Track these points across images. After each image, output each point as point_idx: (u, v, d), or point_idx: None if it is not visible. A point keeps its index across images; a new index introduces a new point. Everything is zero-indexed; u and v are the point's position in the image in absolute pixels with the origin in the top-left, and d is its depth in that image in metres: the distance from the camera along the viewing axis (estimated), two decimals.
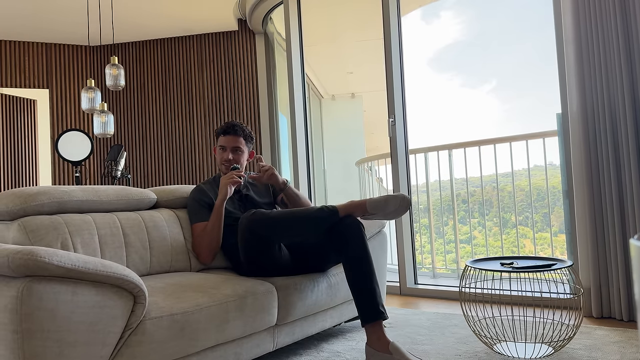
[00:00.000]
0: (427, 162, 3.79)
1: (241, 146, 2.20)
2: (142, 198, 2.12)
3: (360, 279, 1.79)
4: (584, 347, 1.93)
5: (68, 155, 4.37)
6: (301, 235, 1.94)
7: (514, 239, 3.62)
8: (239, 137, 2.20)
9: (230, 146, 2.19)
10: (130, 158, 5.06)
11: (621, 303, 2.28)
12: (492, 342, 1.92)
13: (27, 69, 4.98)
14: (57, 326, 1.21)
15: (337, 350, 2.01)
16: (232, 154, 2.19)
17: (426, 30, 7.87)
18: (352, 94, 7.71)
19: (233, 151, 2.20)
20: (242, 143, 2.21)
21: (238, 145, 2.20)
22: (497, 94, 9.27)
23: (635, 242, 0.48)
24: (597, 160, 2.36)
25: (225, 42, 4.89)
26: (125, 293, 1.35)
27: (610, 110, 2.32)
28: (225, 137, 2.20)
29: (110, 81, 3.53)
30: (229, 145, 2.19)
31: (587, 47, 2.38)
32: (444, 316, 2.50)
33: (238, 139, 2.20)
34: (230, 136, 2.19)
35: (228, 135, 2.19)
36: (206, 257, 2.08)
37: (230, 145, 2.19)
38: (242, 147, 2.21)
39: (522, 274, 1.92)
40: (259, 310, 1.74)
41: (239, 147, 2.20)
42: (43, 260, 1.17)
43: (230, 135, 2.19)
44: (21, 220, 1.72)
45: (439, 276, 3.73)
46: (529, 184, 3.45)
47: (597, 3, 2.34)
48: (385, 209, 1.86)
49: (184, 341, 1.49)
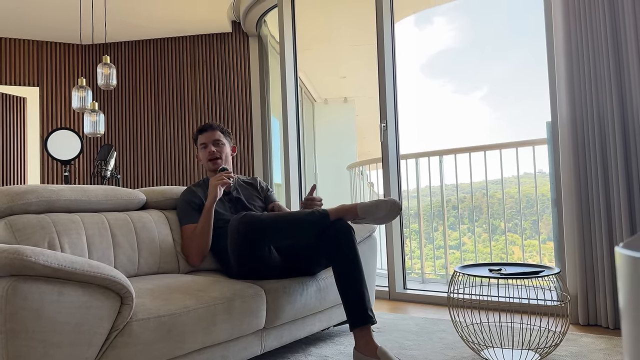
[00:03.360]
0: (418, 168, 3.80)
1: (220, 139, 2.27)
2: (132, 198, 2.11)
3: (349, 283, 1.79)
4: (570, 354, 1.94)
5: (57, 154, 4.33)
6: (292, 238, 1.93)
7: (503, 245, 3.65)
8: (216, 130, 2.27)
9: (210, 141, 2.25)
10: (120, 158, 5.03)
11: (607, 311, 2.30)
12: (479, 348, 1.93)
13: (17, 66, 4.93)
14: (42, 326, 1.20)
15: (325, 355, 2.01)
16: (214, 147, 2.24)
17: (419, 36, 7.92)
18: (344, 98, 7.73)
19: (215, 144, 2.25)
20: (220, 136, 2.27)
21: (217, 138, 2.26)
22: (488, 101, 9.33)
23: (620, 250, 0.49)
24: (586, 169, 2.39)
25: (218, 44, 4.88)
26: (112, 294, 1.34)
27: (600, 119, 2.35)
28: (203, 134, 2.26)
29: (102, 80, 3.51)
30: (209, 140, 2.25)
31: (577, 57, 2.41)
32: (432, 321, 2.50)
33: (215, 132, 2.27)
34: (207, 132, 2.26)
35: (205, 132, 2.26)
36: (195, 259, 2.07)
37: (210, 140, 2.25)
38: (221, 139, 2.27)
39: (510, 280, 1.94)
40: (247, 313, 1.73)
41: (218, 140, 2.26)
42: (29, 260, 1.16)
43: (207, 132, 2.26)
44: (8, 218, 1.70)
45: (428, 281, 3.74)
46: (518, 192, 3.48)
47: (588, 13, 2.37)
48: (376, 214, 1.87)
49: (170, 343, 1.48)
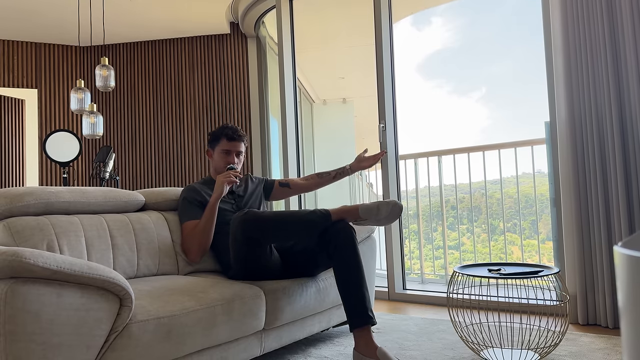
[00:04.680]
0: (416, 168, 3.80)
1: (243, 150, 2.31)
2: (130, 200, 2.10)
3: (350, 284, 1.79)
4: (570, 353, 1.94)
5: (56, 156, 4.33)
6: (293, 237, 1.93)
7: (502, 245, 3.65)
8: (242, 142, 2.30)
9: (235, 151, 2.27)
10: (119, 160, 5.02)
11: (606, 310, 2.30)
12: (479, 348, 1.93)
13: (15, 68, 4.93)
14: (41, 328, 1.20)
15: (325, 355, 2.00)
16: (236, 157, 2.27)
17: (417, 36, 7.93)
18: (343, 99, 7.73)
19: (237, 155, 2.28)
20: (243, 148, 2.31)
21: (241, 150, 2.29)
22: (486, 102, 9.34)
23: (618, 249, 0.49)
24: (584, 169, 2.39)
25: (217, 45, 4.88)
26: (111, 296, 1.34)
27: (598, 119, 2.35)
28: (230, 142, 2.26)
29: (100, 82, 3.51)
30: (234, 150, 2.26)
31: (576, 57, 2.41)
32: (432, 322, 2.50)
33: (241, 144, 2.29)
34: (235, 142, 2.27)
35: (233, 141, 2.26)
36: (195, 256, 2.07)
37: (235, 150, 2.27)
38: (243, 151, 2.31)
39: (510, 280, 1.94)
40: (247, 315, 1.73)
41: (241, 152, 2.30)
42: (28, 262, 1.16)
43: (236, 141, 2.27)
44: (6, 220, 1.70)
45: (428, 282, 3.74)
46: (517, 192, 3.48)
47: (586, 13, 2.37)
48: (377, 215, 1.88)
49: (170, 345, 1.47)
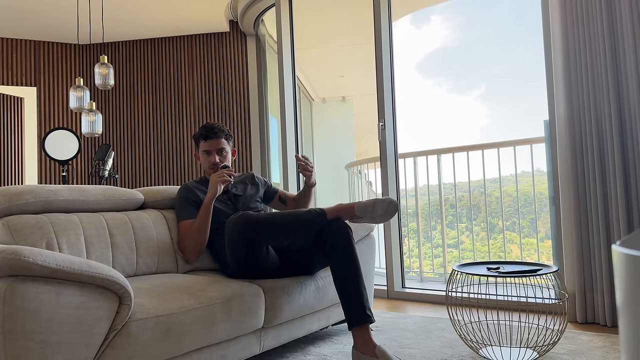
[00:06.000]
0: (416, 167, 3.81)
1: (225, 147, 2.23)
2: (130, 198, 2.10)
3: (347, 283, 1.79)
4: (568, 352, 1.94)
5: (55, 154, 4.32)
6: (289, 237, 1.93)
7: (501, 244, 3.65)
8: (220, 138, 2.22)
9: (214, 149, 2.20)
10: (118, 158, 5.02)
11: (605, 308, 2.31)
12: (477, 346, 1.93)
13: (14, 66, 4.92)
14: (40, 327, 1.20)
15: (324, 354, 2.01)
16: (218, 156, 2.21)
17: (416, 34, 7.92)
18: (342, 97, 7.73)
19: (218, 153, 2.21)
20: (224, 144, 2.23)
21: (221, 146, 2.21)
22: (485, 100, 9.34)
23: (617, 248, 0.49)
24: (583, 167, 2.39)
25: (216, 43, 4.88)
26: (110, 294, 1.34)
27: (597, 118, 2.35)
28: (207, 141, 2.20)
29: (99, 80, 3.50)
30: (213, 149, 2.20)
31: (575, 55, 2.41)
32: (431, 320, 2.51)
33: (220, 140, 2.21)
34: (211, 140, 2.20)
35: (209, 140, 2.20)
36: (191, 254, 2.07)
37: (215, 148, 2.20)
38: (225, 147, 2.23)
39: (508, 278, 1.94)
40: (246, 313, 1.73)
41: (223, 149, 2.22)
42: (27, 260, 1.16)
43: (212, 139, 2.20)
44: (5, 219, 1.70)
45: (427, 280, 3.75)
46: (516, 190, 3.48)
47: (585, 12, 2.37)
48: (373, 213, 1.88)
49: (169, 343, 1.48)
